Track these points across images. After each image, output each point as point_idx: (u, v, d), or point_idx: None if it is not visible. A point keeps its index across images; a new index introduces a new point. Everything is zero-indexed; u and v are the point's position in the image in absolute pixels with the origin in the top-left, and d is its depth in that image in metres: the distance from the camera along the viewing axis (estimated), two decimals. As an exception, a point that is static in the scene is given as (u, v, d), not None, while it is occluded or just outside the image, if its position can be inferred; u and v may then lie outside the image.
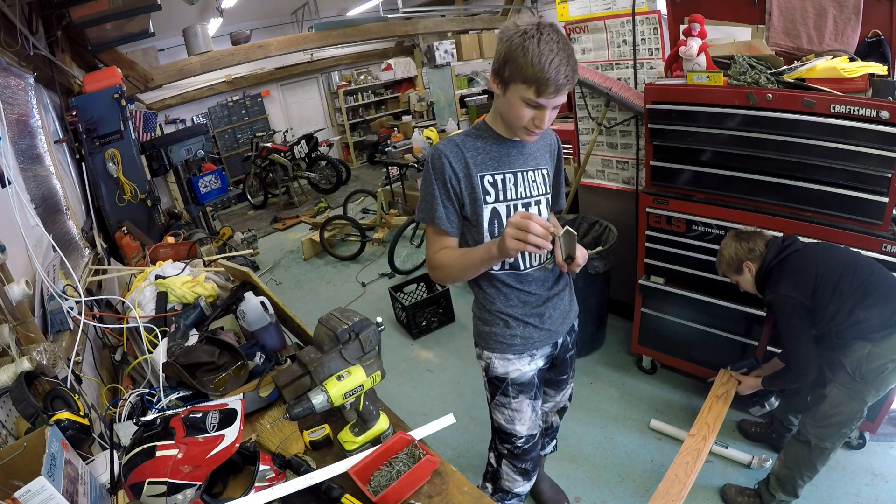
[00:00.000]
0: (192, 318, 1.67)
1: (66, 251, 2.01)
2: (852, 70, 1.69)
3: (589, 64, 2.66)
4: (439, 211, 1.26)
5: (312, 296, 4.30)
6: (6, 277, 1.35)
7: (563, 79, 1.07)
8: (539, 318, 1.40)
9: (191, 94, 7.47)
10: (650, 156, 2.22)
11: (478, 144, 1.27)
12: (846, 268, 1.60)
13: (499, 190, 1.27)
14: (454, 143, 1.27)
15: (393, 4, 5.97)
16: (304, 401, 1.09)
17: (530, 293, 1.37)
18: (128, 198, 3.47)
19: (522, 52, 1.06)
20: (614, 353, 2.83)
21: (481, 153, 1.26)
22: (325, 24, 6.32)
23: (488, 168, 1.26)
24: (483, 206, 1.26)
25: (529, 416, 1.49)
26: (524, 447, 1.52)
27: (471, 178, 1.25)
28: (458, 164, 1.24)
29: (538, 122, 1.16)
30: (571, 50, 1.09)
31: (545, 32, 1.06)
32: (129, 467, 0.98)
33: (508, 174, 1.28)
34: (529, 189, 1.31)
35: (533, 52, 1.05)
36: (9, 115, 2.10)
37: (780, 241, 1.75)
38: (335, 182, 7.25)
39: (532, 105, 1.13)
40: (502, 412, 1.50)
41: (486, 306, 1.41)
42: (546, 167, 1.35)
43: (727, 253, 1.81)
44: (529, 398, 1.47)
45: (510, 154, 1.28)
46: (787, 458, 1.76)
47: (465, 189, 1.25)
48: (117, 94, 3.44)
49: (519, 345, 1.40)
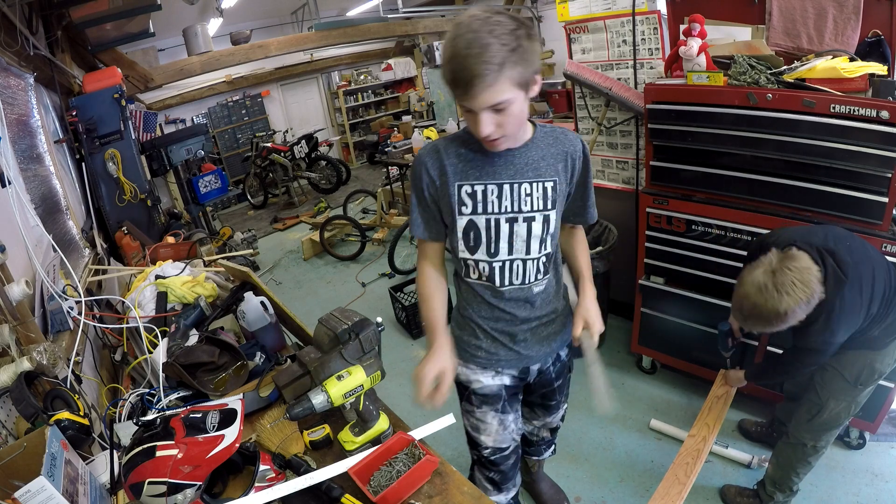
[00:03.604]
0: (192, 318, 1.67)
1: (66, 251, 2.01)
2: (852, 70, 1.68)
3: (589, 64, 2.66)
4: (417, 221, 1.24)
5: (312, 296, 4.30)
6: (6, 277, 1.35)
7: (469, 76, 0.93)
8: (510, 337, 1.31)
9: (191, 94, 7.47)
10: (650, 156, 2.22)
11: (461, 151, 1.17)
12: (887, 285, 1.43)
13: (477, 202, 1.17)
14: (436, 148, 1.19)
15: (393, 4, 5.96)
16: (304, 401, 1.09)
17: (504, 311, 1.28)
18: (128, 198, 3.47)
19: (445, 47, 0.98)
20: (614, 353, 2.83)
21: (463, 160, 1.17)
22: (325, 24, 6.32)
23: (468, 177, 1.16)
24: (457, 217, 1.18)
25: (496, 429, 1.42)
26: (490, 458, 1.47)
27: (447, 187, 1.17)
28: (435, 171, 1.18)
29: (479, 128, 1.02)
30: (493, 41, 0.92)
31: (461, 24, 0.95)
32: (129, 467, 0.98)
33: (492, 185, 1.16)
34: (520, 203, 1.17)
35: (445, 48, 0.97)
36: (9, 115, 2.10)
37: (837, 271, 1.37)
38: (335, 182, 7.25)
39: (466, 109, 1.02)
40: (468, 419, 1.46)
41: (461, 309, 1.36)
42: (554, 179, 1.19)
43: (781, 305, 1.32)
44: (496, 411, 1.40)
45: (496, 163, 1.16)
46: (780, 461, 1.75)
47: (441, 197, 1.19)
48: (117, 94, 3.44)
49: (482, 358, 1.34)
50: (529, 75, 0.99)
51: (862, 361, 1.53)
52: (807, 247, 1.40)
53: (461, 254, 1.24)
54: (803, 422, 1.66)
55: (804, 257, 1.36)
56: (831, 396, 1.59)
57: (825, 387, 1.60)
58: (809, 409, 1.65)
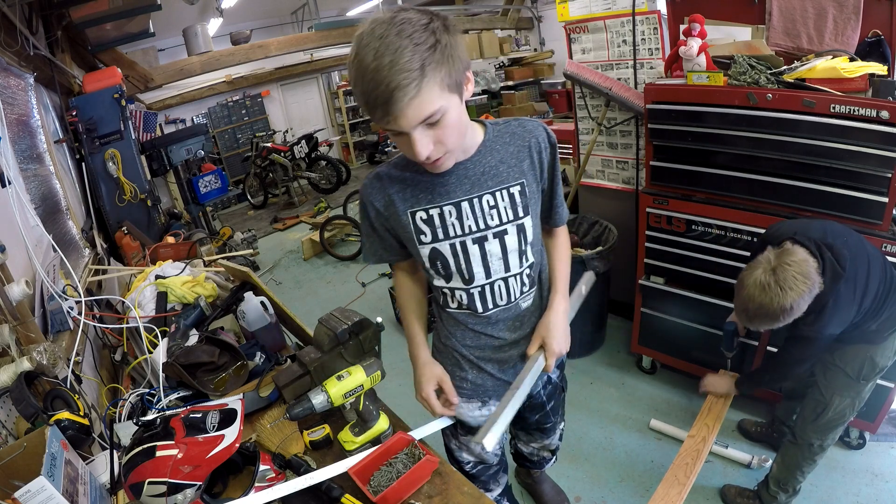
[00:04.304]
0: (192, 318, 1.68)
1: (66, 251, 2.01)
2: (852, 70, 1.68)
3: (589, 64, 2.66)
4: (367, 249, 1.16)
5: (312, 296, 4.30)
6: (6, 277, 1.35)
7: (386, 92, 0.76)
8: (497, 365, 1.20)
9: (191, 94, 7.47)
10: (650, 156, 2.22)
11: (405, 175, 1.03)
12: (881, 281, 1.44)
13: (436, 227, 1.03)
14: (378, 176, 1.05)
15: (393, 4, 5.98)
16: (304, 401, 1.09)
17: (491, 336, 1.17)
18: (128, 198, 3.47)
19: (350, 67, 0.81)
20: (614, 353, 2.83)
21: (409, 185, 1.02)
22: (325, 24, 6.32)
23: (419, 202, 1.02)
24: (419, 247, 1.06)
25: (478, 453, 1.37)
26: (471, 472, 1.41)
27: (398, 218, 1.04)
28: (380, 203, 1.05)
29: (410, 153, 0.87)
30: (405, 42, 0.76)
31: (362, 34, 0.80)
32: (129, 467, 0.98)
33: (448, 207, 1.01)
34: (485, 219, 1.03)
35: (350, 69, 0.82)
36: (9, 115, 2.10)
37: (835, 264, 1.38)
38: (335, 182, 7.25)
39: (394, 133, 0.85)
40: (449, 439, 1.39)
41: (442, 338, 1.25)
42: (520, 181, 1.04)
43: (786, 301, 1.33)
44: None
45: (447, 182, 1.00)
46: (786, 461, 1.75)
47: (396, 227, 1.07)
48: (117, 94, 3.44)
49: (468, 390, 1.23)
50: (459, 74, 0.84)
51: (862, 356, 1.54)
52: (805, 240, 1.41)
53: (435, 282, 1.13)
54: (809, 421, 1.66)
55: (800, 250, 1.37)
56: (835, 393, 1.60)
57: (828, 384, 1.61)
58: (814, 408, 1.65)
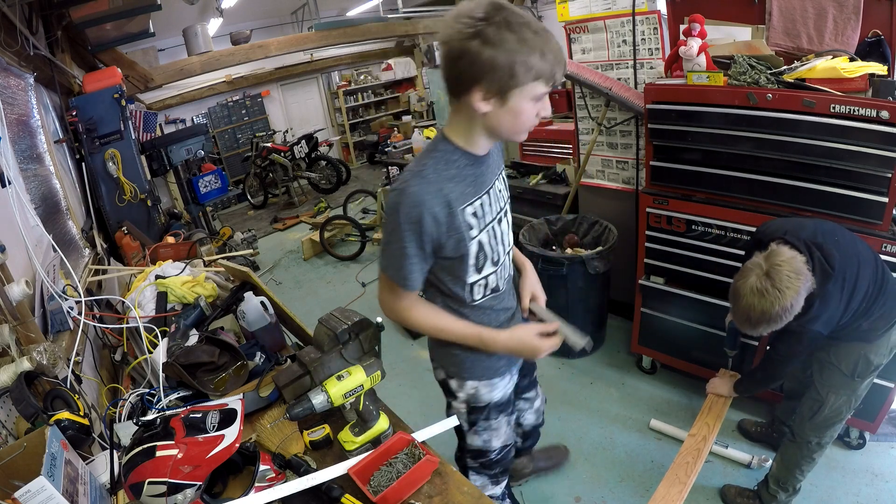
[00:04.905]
0: (192, 318, 1.68)
1: (66, 251, 2.01)
2: (852, 70, 1.68)
3: (589, 64, 2.66)
4: (413, 274, 1.07)
5: (312, 296, 4.30)
6: (6, 277, 1.35)
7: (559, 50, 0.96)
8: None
9: (191, 94, 7.46)
10: (650, 156, 2.22)
11: (452, 173, 1.06)
12: (871, 282, 1.45)
13: (479, 218, 1.11)
14: (428, 182, 1.03)
15: (393, 4, 5.97)
16: (304, 401, 1.09)
17: (506, 308, 1.29)
18: (128, 198, 3.47)
19: (520, 44, 0.91)
20: (614, 353, 2.83)
21: (459, 182, 1.06)
22: (325, 24, 6.32)
23: (468, 197, 1.08)
24: (468, 243, 1.09)
25: (505, 431, 1.44)
26: (496, 458, 1.48)
27: (454, 218, 1.05)
28: (441, 210, 1.03)
29: (544, 111, 1.03)
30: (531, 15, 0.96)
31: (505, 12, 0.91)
32: (129, 467, 0.98)
33: (484, 196, 1.12)
34: (499, 202, 1.17)
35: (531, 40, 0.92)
36: (9, 115, 2.10)
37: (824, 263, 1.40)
38: (335, 182, 7.25)
39: (539, 98, 1.00)
40: (480, 435, 1.42)
41: None
42: (502, 166, 1.23)
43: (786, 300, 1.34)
44: (506, 414, 1.42)
45: (483, 173, 1.11)
46: (785, 460, 1.76)
47: (446, 232, 1.06)
48: (117, 94, 3.44)
49: (504, 366, 1.32)
50: None
51: (857, 353, 1.55)
52: (794, 240, 1.42)
53: (470, 278, 1.16)
54: (806, 419, 1.68)
55: (785, 248, 1.39)
56: (831, 391, 1.61)
57: (824, 383, 1.62)
58: (811, 406, 1.66)
